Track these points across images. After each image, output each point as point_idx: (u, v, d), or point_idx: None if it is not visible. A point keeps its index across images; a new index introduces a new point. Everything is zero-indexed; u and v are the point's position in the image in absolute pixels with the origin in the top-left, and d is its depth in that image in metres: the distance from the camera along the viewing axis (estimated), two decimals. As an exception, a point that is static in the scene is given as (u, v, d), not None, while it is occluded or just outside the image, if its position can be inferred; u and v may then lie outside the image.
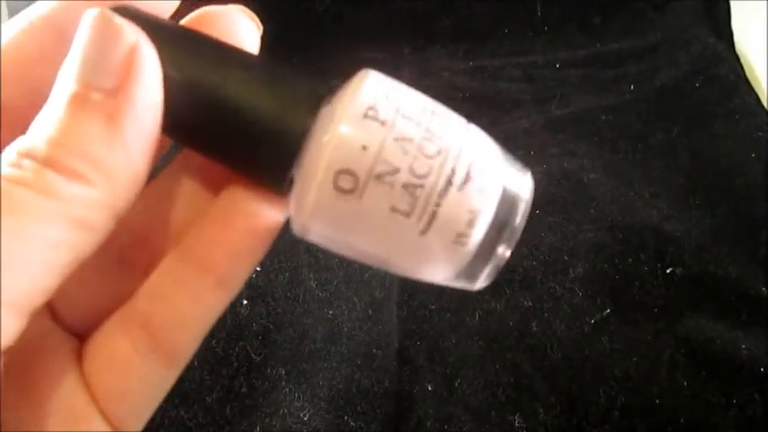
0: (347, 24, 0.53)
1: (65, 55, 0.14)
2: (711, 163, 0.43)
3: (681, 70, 0.50)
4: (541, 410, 0.32)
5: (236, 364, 0.34)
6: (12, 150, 0.13)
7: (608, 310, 0.35)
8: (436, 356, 0.34)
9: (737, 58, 0.51)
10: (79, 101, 0.13)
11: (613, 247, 0.38)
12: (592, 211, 0.40)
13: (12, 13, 0.53)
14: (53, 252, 0.12)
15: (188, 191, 0.17)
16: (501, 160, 0.16)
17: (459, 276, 0.16)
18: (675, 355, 0.33)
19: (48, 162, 0.12)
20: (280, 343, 0.35)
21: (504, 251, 0.15)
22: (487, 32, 0.55)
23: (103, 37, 0.13)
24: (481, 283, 0.16)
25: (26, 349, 0.14)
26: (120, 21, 0.13)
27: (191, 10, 0.17)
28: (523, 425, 0.32)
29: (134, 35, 0.13)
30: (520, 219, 0.15)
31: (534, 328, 0.35)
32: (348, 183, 0.14)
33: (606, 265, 0.37)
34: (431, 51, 0.54)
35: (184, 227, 0.16)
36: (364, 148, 0.14)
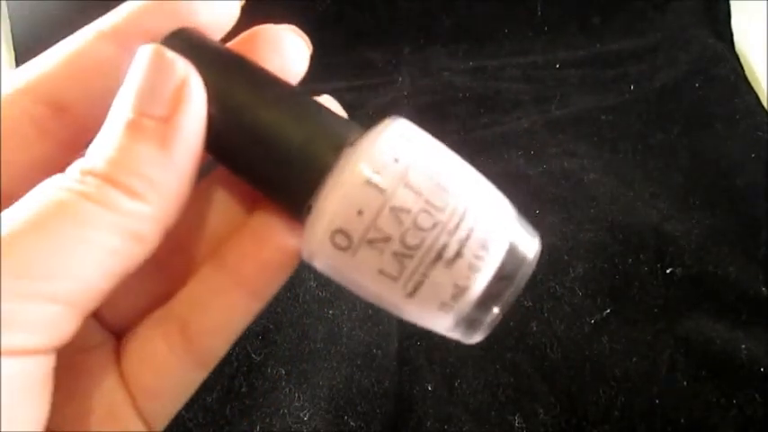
0: (347, 24, 0.53)
1: (124, 67, 0.15)
2: (711, 163, 0.43)
3: (681, 70, 0.50)
4: (541, 410, 0.32)
5: (236, 364, 0.34)
6: (74, 169, 0.14)
7: (608, 310, 0.35)
8: (436, 356, 0.34)
9: (737, 59, 0.51)
10: (134, 127, 0.14)
11: (613, 247, 0.38)
12: (592, 211, 0.40)
13: (12, 13, 0.53)
14: (110, 260, 0.14)
15: (224, 204, 0.18)
16: (505, 234, 0.16)
17: (449, 332, 0.16)
18: (675, 355, 0.33)
19: (109, 180, 0.14)
20: (280, 343, 0.35)
21: (497, 311, 0.16)
22: (487, 33, 0.55)
23: (157, 70, 0.14)
24: (476, 338, 0.16)
25: (70, 347, 0.14)
26: (171, 55, 0.15)
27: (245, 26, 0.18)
28: (523, 425, 0.32)
29: (184, 69, 0.15)
30: (515, 289, 0.16)
31: (534, 328, 0.35)
32: (343, 241, 0.15)
33: (606, 265, 0.37)
34: (431, 51, 0.54)
35: (219, 237, 0.18)
36: (360, 212, 0.15)
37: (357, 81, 0.50)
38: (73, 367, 0.16)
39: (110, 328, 0.18)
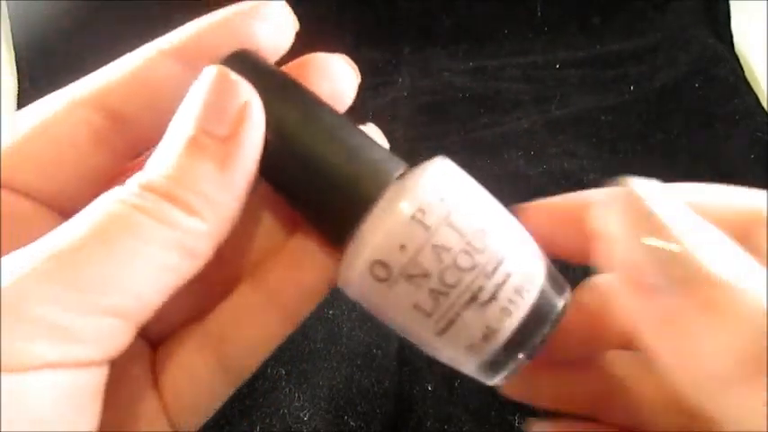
0: (347, 24, 0.53)
1: (184, 83, 0.15)
2: (711, 163, 0.43)
3: (681, 71, 0.50)
4: (541, 411, 0.32)
5: (236, 364, 0.34)
6: (133, 183, 0.14)
7: (608, 311, 0.35)
8: (436, 356, 0.34)
9: (737, 59, 0.51)
10: (195, 144, 0.14)
11: (613, 248, 0.38)
12: (592, 211, 0.40)
13: (12, 13, 0.53)
14: (164, 275, 0.14)
15: (266, 222, 0.19)
16: (538, 281, 0.16)
17: (474, 372, 0.16)
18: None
19: (167, 196, 0.14)
20: (280, 343, 0.35)
21: (523, 356, 0.16)
22: (487, 33, 0.55)
23: (221, 91, 0.15)
24: (498, 381, 0.16)
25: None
26: (236, 77, 0.15)
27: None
28: (523, 425, 0.32)
29: (247, 92, 0.15)
30: (543, 335, 0.16)
31: (534, 329, 0.35)
32: (382, 273, 0.15)
33: (606, 266, 0.37)
34: (431, 51, 0.54)
35: (259, 255, 0.18)
36: (402, 247, 0.15)
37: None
38: (115, 374, 0.16)
39: (146, 336, 0.18)
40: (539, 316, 0.16)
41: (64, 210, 0.15)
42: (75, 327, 0.13)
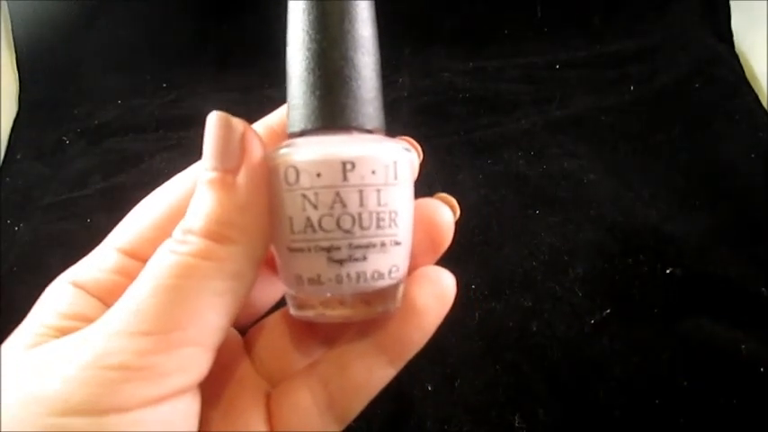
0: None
1: None
2: (711, 163, 0.43)
3: (681, 71, 0.50)
4: (541, 410, 0.32)
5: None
6: (178, 230, 0.17)
7: (608, 310, 0.35)
8: (436, 356, 0.34)
9: (737, 59, 0.51)
10: (211, 184, 0.17)
11: (613, 248, 0.38)
12: (592, 211, 0.40)
13: (12, 13, 0.53)
14: (221, 300, 0.16)
15: None
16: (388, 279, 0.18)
17: (288, 297, 0.19)
18: (675, 355, 0.33)
19: (203, 234, 0.16)
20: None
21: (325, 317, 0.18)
22: (488, 33, 0.55)
23: (222, 132, 0.17)
24: (296, 315, 0.19)
25: (236, 385, 0.19)
26: (229, 118, 0.17)
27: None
28: (523, 425, 0.32)
29: (242, 125, 0.17)
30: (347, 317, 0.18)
31: (534, 328, 0.35)
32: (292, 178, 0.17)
33: (606, 265, 0.37)
34: (431, 52, 0.54)
35: None
36: (319, 175, 0.17)
37: (357, 81, 0.50)
38: (234, 401, 0.19)
39: (267, 377, 0.21)
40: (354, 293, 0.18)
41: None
42: (161, 365, 0.15)
